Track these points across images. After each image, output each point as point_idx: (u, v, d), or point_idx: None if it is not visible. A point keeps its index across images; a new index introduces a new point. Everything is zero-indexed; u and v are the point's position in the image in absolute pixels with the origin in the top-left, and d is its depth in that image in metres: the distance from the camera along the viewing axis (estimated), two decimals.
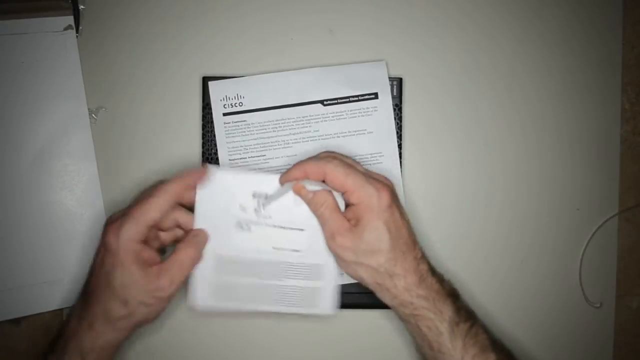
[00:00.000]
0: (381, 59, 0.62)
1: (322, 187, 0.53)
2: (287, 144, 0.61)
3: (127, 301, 0.51)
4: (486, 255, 0.63)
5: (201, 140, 0.62)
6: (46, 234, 0.60)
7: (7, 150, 0.60)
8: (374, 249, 0.51)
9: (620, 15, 0.63)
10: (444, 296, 0.52)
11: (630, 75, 0.63)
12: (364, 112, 0.61)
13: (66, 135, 0.60)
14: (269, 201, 0.55)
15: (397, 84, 0.62)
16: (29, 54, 0.60)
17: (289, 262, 0.56)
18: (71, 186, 0.61)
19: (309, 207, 0.54)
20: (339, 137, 0.61)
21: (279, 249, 0.56)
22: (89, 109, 0.61)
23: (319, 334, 0.62)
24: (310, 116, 0.61)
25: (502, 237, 0.63)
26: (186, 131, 0.62)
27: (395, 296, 0.52)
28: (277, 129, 0.61)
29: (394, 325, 0.61)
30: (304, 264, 0.56)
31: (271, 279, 0.56)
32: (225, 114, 0.61)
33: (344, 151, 0.61)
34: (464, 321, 0.52)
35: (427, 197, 0.62)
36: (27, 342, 0.61)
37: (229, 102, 0.61)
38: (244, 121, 0.61)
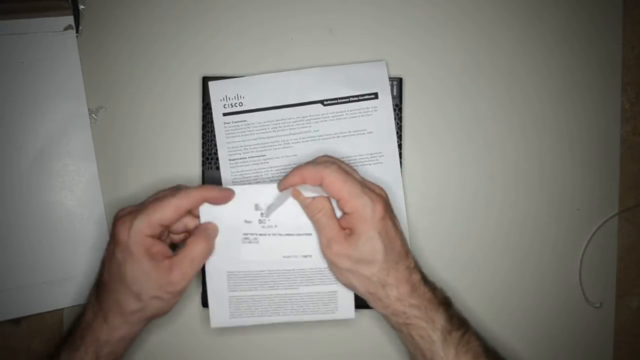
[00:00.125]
0: (381, 59, 0.62)
1: (320, 194, 0.53)
2: (287, 144, 0.61)
3: (139, 295, 0.50)
4: (486, 255, 0.63)
5: (201, 140, 0.62)
6: (46, 234, 0.60)
7: (7, 150, 0.60)
8: (367, 258, 0.51)
9: (620, 15, 0.63)
10: (436, 305, 0.52)
11: (630, 75, 0.63)
12: (364, 112, 0.61)
13: (66, 135, 0.60)
14: (271, 210, 0.54)
15: (397, 84, 0.62)
16: (29, 54, 0.60)
17: (301, 269, 0.55)
18: (71, 186, 0.61)
19: (306, 212, 0.53)
20: (339, 137, 0.61)
21: (290, 256, 0.55)
22: (89, 109, 0.61)
23: (319, 334, 0.62)
24: (310, 116, 0.61)
25: (502, 237, 0.63)
26: (186, 131, 0.62)
27: (387, 305, 0.52)
28: (277, 129, 0.61)
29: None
30: (316, 268, 0.55)
31: (286, 289, 0.55)
32: (225, 114, 0.61)
33: (344, 151, 0.61)
34: (457, 329, 0.52)
35: (427, 197, 0.62)
36: (27, 342, 0.61)
37: (229, 102, 0.61)
38: (244, 121, 0.61)
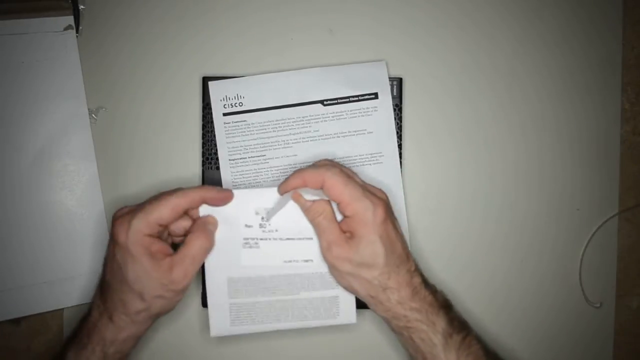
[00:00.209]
0: (381, 59, 0.62)
1: (321, 197, 0.52)
2: (287, 144, 0.61)
3: (142, 295, 0.50)
4: (486, 255, 0.63)
5: (201, 140, 0.62)
6: (46, 234, 0.60)
7: (7, 150, 0.60)
8: (368, 262, 0.51)
9: (620, 15, 0.63)
10: (436, 308, 0.52)
11: (630, 75, 0.63)
12: (364, 112, 0.61)
13: (66, 135, 0.60)
14: (272, 214, 0.53)
15: (397, 84, 0.62)
16: (29, 54, 0.60)
17: (302, 274, 0.55)
18: (71, 186, 0.61)
19: (307, 215, 0.53)
20: (339, 137, 0.61)
21: (290, 261, 0.54)
22: (89, 109, 0.61)
23: (320, 335, 0.62)
24: (310, 116, 0.61)
25: (502, 237, 0.63)
26: (186, 131, 0.62)
27: (388, 309, 0.52)
28: (277, 129, 0.61)
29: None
30: (317, 273, 0.55)
31: (287, 294, 0.55)
32: (225, 114, 0.61)
33: (344, 151, 0.61)
34: (457, 332, 0.52)
35: (427, 197, 0.62)
36: (27, 342, 0.61)
37: (229, 102, 0.61)
38: (244, 121, 0.61)
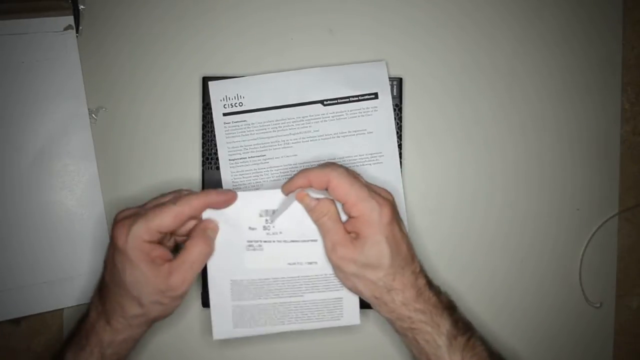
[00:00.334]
0: (381, 59, 0.62)
1: (325, 197, 0.52)
2: (287, 144, 0.61)
3: (140, 300, 0.50)
4: (486, 255, 0.63)
5: (201, 140, 0.62)
6: (46, 234, 0.60)
7: (7, 150, 0.60)
8: (374, 263, 0.51)
9: (620, 15, 0.63)
10: (441, 309, 0.52)
11: (630, 75, 0.63)
12: (364, 112, 0.61)
13: (66, 135, 0.60)
14: (276, 215, 0.53)
15: (397, 84, 0.62)
16: (29, 54, 0.60)
17: (306, 276, 0.54)
18: (71, 186, 0.61)
19: (311, 216, 0.53)
20: (339, 137, 0.61)
21: (295, 263, 0.54)
22: (89, 109, 0.61)
23: (322, 337, 0.62)
24: (310, 116, 0.61)
25: (502, 237, 0.63)
26: (186, 131, 0.62)
27: (392, 310, 0.52)
28: (277, 129, 0.61)
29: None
30: (321, 275, 0.55)
31: (291, 297, 0.55)
32: (225, 114, 0.61)
33: (344, 151, 0.61)
34: (462, 334, 0.52)
35: (427, 197, 0.62)
36: (27, 342, 0.61)
37: (229, 102, 0.61)
38: (244, 121, 0.61)
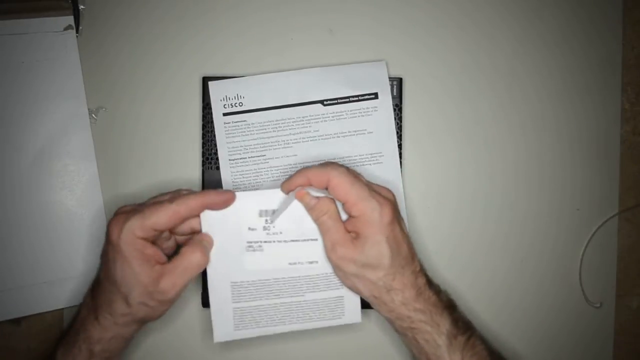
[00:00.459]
0: (381, 59, 0.62)
1: (325, 195, 0.52)
2: (287, 144, 0.61)
3: (127, 298, 0.50)
4: (486, 255, 0.63)
5: (201, 140, 0.62)
6: (46, 234, 0.60)
7: (7, 150, 0.60)
8: (374, 263, 0.51)
9: (620, 15, 0.63)
10: (441, 309, 0.52)
11: (630, 75, 0.63)
12: (364, 112, 0.61)
13: (66, 135, 0.60)
14: (276, 215, 0.53)
15: (397, 84, 0.62)
16: (29, 54, 0.60)
17: (307, 275, 0.54)
18: (71, 186, 0.61)
19: (311, 214, 0.52)
20: (339, 137, 0.61)
21: (295, 263, 0.54)
22: (89, 109, 0.61)
23: (324, 334, 0.62)
24: (310, 116, 0.61)
25: (502, 237, 0.63)
26: (186, 131, 0.62)
27: (391, 310, 0.52)
28: (277, 129, 0.61)
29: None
30: (322, 274, 0.54)
31: (291, 297, 0.55)
32: (225, 114, 0.61)
33: (344, 151, 0.61)
34: (462, 333, 0.52)
35: (427, 197, 0.62)
36: (27, 342, 0.61)
37: (229, 102, 0.61)
38: (244, 121, 0.61)
